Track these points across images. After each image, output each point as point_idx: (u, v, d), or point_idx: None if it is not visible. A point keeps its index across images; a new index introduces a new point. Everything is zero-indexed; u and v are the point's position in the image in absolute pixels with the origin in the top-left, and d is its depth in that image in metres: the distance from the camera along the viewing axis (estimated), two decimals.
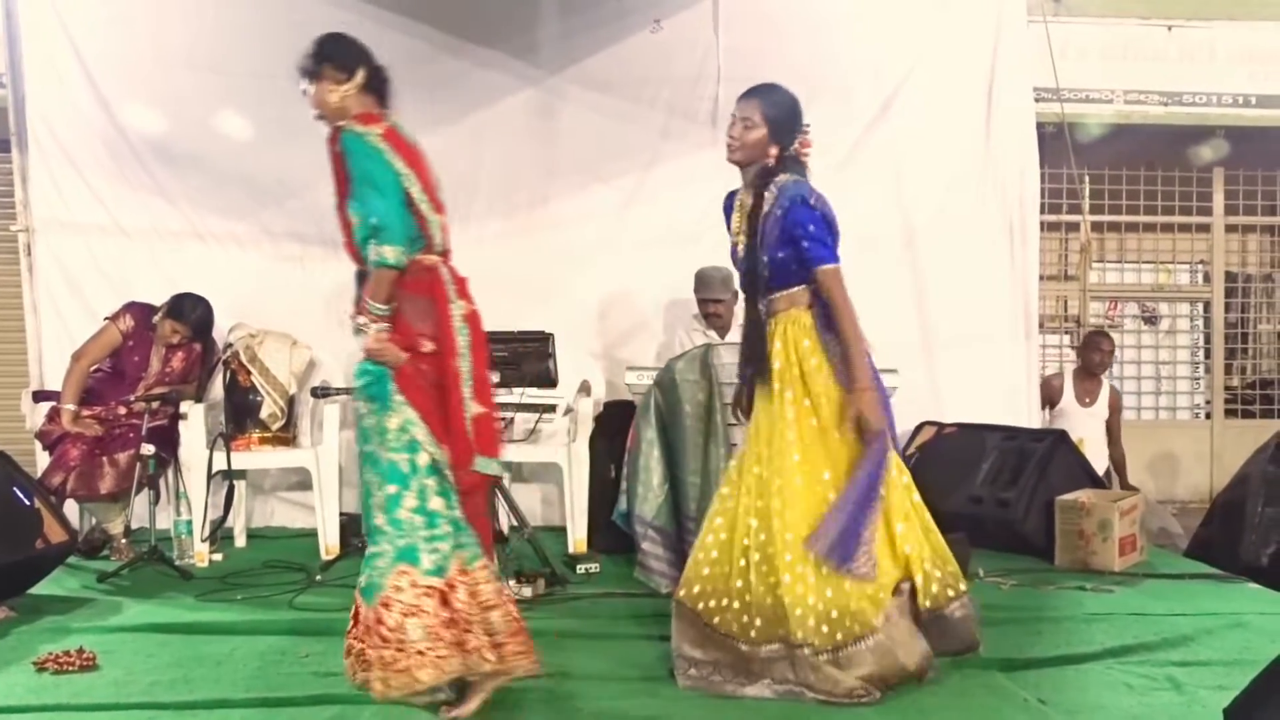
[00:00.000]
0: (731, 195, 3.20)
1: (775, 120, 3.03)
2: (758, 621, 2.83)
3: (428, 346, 2.68)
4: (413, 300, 2.70)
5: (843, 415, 2.91)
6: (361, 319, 2.65)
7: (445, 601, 2.58)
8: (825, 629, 2.77)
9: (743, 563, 2.89)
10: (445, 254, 2.81)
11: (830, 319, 2.97)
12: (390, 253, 2.62)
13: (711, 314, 4.89)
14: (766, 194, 2.99)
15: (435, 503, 2.64)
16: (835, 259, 2.96)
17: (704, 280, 4.91)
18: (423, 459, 2.64)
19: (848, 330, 2.92)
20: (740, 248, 3.08)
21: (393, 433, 2.63)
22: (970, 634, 3.02)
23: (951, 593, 2.98)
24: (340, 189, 2.80)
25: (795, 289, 3.00)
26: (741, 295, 3.31)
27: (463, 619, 2.58)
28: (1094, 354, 5.72)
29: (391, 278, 2.64)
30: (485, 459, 2.70)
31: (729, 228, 3.19)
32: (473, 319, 2.77)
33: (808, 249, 2.93)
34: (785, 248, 2.96)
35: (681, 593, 2.98)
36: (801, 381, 2.94)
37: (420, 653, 2.52)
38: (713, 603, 2.92)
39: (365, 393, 2.68)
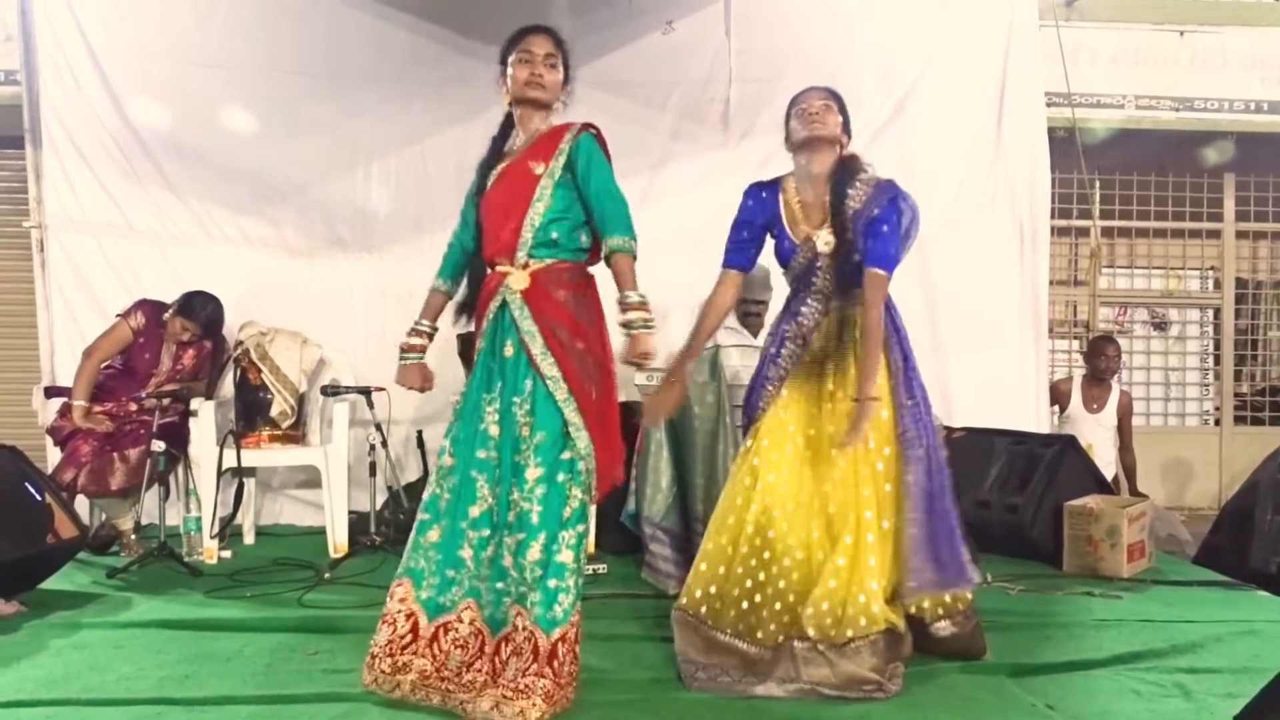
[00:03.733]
0: (758, 187, 3.13)
1: (844, 114, 3.06)
2: (770, 625, 2.85)
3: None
4: (578, 300, 2.72)
5: (881, 436, 2.92)
6: (644, 313, 2.60)
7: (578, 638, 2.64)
8: (840, 624, 2.79)
9: (754, 563, 2.90)
10: None
11: (897, 330, 2.99)
12: (635, 244, 2.67)
13: (753, 314, 4.82)
14: (852, 190, 2.96)
15: None
16: (890, 267, 2.93)
17: (746, 281, 4.82)
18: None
19: (873, 338, 2.88)
20: (818, 244, 2.99)
21: (584, 468, 2.65)
22: (963, 650, 3.03)
23: (941, 610, 3.00)
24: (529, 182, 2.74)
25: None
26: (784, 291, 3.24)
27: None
28: (1099, 360, 5.70)
29: (633, 265, 2.66)
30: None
31: (751, 219, 3.12)
32: None
33: (870, 245, 2.90)
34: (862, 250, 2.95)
35: (684, 600, 2.97)
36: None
37: (570, 683, 2.58)
38: (718, 605, 2.92)
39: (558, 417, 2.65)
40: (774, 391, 3.05)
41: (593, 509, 2.69)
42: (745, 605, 2.90)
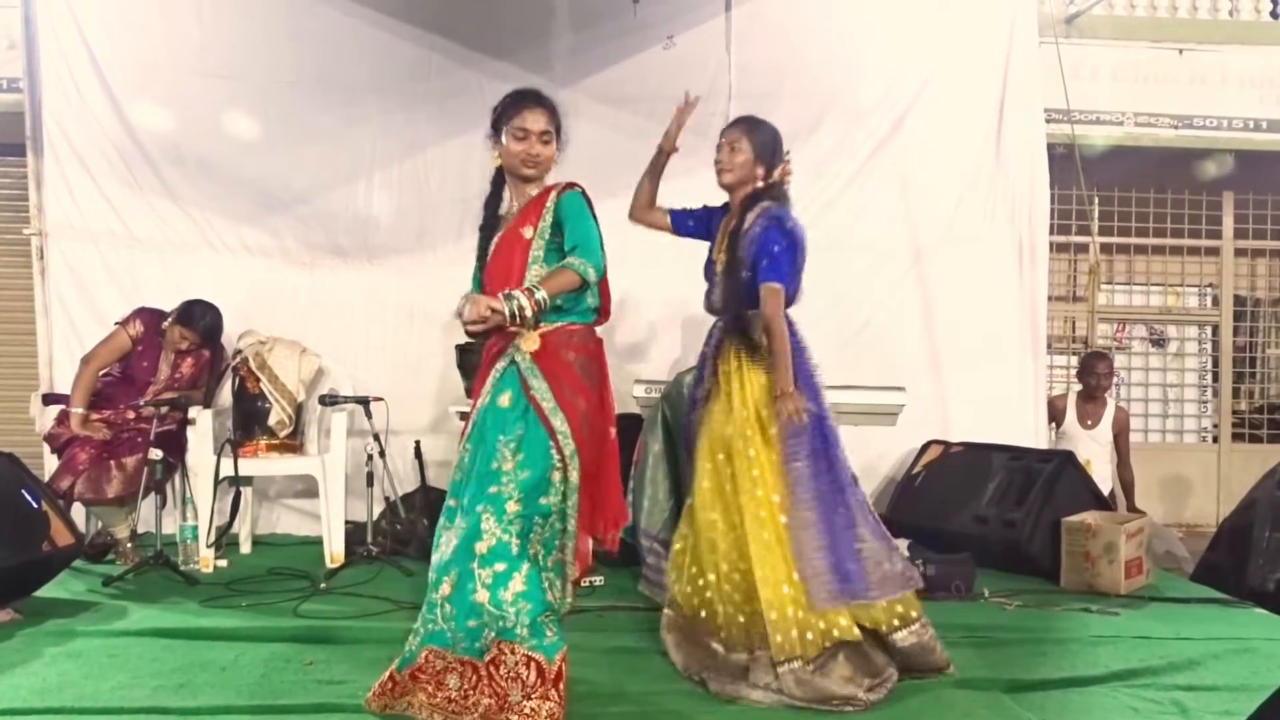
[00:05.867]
0: (724, 208, 3.31)
1: (759, 144, 3.19)
2: (733, 629, 2.95)
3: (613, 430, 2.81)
4: (585, 363, 2.76)
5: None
6: (528, 306, 2.55)
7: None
8: (809, 638, 2.82)
9: (713, 576, 3.01)
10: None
11: (799, 349, 3.08)
12: (593, 272, 2.66)
13: None
14: (749, 215, 3.13)
15: None
16: (782, 280, 3.04)
17: None
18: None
19: (777, 345, 3.00)
20: (718, 265, 3.19)
21: (555, 488, 2.65)
22: (925, 661, 3.01)
23: (897, 621, 2.98)
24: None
25: (755, 311, 3.09)
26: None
27: None
28: (1089, 377, 5.68)
29: (574, 284, 2.65)
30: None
31: (708, 214, 3.37)
32: None
33: (764, 266, 3.04)
34: (753, 270, 3.07)
35: (668, 606, 3.14)
36: (758, 419, 3.02)
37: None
38: (703, 612, 3.04)
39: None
40: (701, 413, 3.18)
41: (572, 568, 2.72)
42: (721, 615, 2.99)
